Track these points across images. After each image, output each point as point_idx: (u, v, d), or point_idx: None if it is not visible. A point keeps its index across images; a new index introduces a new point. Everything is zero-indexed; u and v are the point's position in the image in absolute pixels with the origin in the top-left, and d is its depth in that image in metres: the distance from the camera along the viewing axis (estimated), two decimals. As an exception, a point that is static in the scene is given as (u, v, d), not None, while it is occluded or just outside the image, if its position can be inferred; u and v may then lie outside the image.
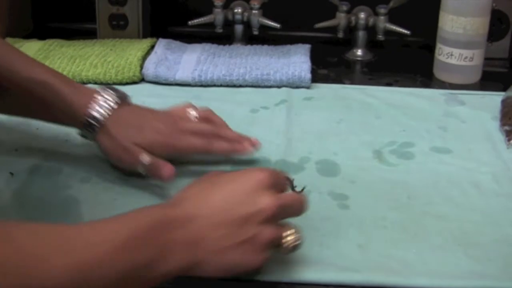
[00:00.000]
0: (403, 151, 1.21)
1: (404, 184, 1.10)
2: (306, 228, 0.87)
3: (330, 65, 1.63)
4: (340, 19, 1.65)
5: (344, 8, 1.64)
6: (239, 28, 1.69)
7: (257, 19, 1.65)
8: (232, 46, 1.64)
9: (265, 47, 1.62)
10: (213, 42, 1.65)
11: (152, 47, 1.60)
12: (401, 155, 1.20)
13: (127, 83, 1.49)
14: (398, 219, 1.00)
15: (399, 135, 1.27)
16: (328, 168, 1.15)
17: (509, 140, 1.23)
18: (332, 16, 1.67)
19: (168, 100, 1.37)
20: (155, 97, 1.43)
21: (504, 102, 1.35)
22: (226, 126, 1.12)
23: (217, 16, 1.67)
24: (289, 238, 0.77)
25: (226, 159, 1.12)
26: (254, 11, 1.65)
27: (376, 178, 1.12)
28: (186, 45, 1.63)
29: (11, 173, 1.08)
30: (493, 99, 1.40)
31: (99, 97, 0.86)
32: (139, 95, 1.34)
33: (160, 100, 1.38)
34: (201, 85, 1.48)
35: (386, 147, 1.22)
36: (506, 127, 1.25)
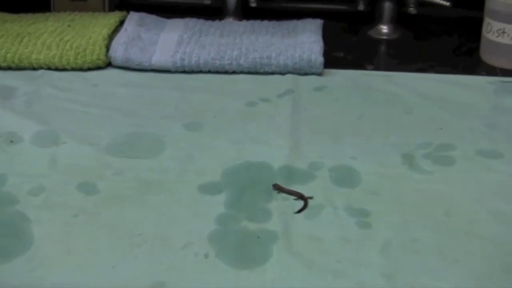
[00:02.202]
0: (440, 155, 1.22)
1: (441, 197, 1.10)
2: (317, 252, 0.88)
3: (347, 46, 1.63)
4: (361, -14, 1.66)
5: (366, -28, 1.66)
6: (232, -2, 1.71)
7: (255, -14, 1.68)
8: (223, 22, 1.64)
9: (265, 23, 1.62)
10: (199, 17, 1.64)
11: (121, 23, 1.60)
12: (438, 160, 1.20)
13: (89, 69, 1.49)
14: (433, 241, 1.00)
15: (435, 135, 1.27)
16: (344, 177, 1.15)
17: None
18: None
19: (142, 91, 1.38)
20: (125, 87, 1.44)
21: None
22: None
23: (204, -18, 1.69)
24: None
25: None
26: (251, -24, 1.68)
27: (405, 189, 1.12)
28: (164, 20, 1.63)
29: None
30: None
31: None
32: (105, 83, 1.35)
33: (131, 90, 1.39)
34: (184, 72, 1.48)
35: (418, 150, 1.23)
36: None
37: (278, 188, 1.11)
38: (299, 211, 1.06)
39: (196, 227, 1.03)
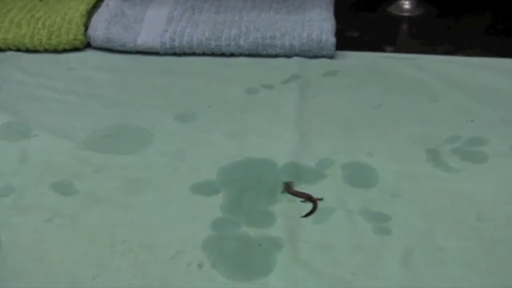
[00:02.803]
0: (470, 151, 1.22)
1: (471, 199, 1.10)
2: (327, 263, 0.88)
3: (363, 24, 1.63)
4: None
5: None
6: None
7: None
8: (219, -4, 1.68)
9: (269, -3, 1.67)
10: (191, -10, 1.68)
11: (102, -4, 1.64)
12: (468, 156, 1.21)
13: (65, 50, 1.50)
14: (462, 249, 1.00)
15: (465, 128, 1.28)
16: (360, 176, 1.16)
17: None
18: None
19: (126, 76, 1.38)
20: (106, 71, 1.44)
21: None
22: None
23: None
24: None
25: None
26: None
27: (430, 189, 1.12)
28: (151, -6, 1.67)
29: None
30: None
31: None
32: (83, 67, 1.35)
33: (113, 75, 1.39)
34: (174, 54, 1.49)
35: (445, 145, 1.23)
36: None
37: (287, 189, 1.12)
38: (307, 214, 1.07)
39: (188, 233, 1.04)
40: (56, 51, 1.49)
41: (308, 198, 1.10)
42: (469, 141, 1.24)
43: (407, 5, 1.70)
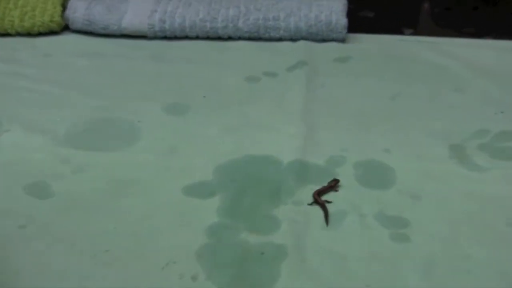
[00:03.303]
0: (500, 147, 1.22)
1: (501, 202, 1.10)
2: (339, 273, 0.88)
3: (379, 4, 1.64)
4: None
5: None
6: None
7: None
8: (215, -28, 1.68)
9: (271, -27, 1.67)
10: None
11: (82, -27, 1.63)
12: (497, 153, 1.21)
13: (40, 34, 1.50)
14: (490, 259, 1.00)
15: (494, 120, 1.28)
16: (375, 175, 1.16)
17: None
18: None
19: (109, 63, 1.37)
20: (87, 57, 1.45)
21: None
22: None
23: None
24: None
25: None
26: None
27: (454, 191, 1.13)
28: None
29: None
30: None
31: None
32: (61, 52, 1.35)
33: (95, 62, 1.38)
34: (165, 37, 1.50)
35: (471, 140, 1.23)
36: None
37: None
38: (326, 218, 1.06)
39: (181, 241, 1.04)
40: (30, 34, 1.49)
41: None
42: (499, 135, 1.25)
43: (428, -18, 1.70)
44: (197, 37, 1.46)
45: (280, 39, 1.46)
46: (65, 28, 1.53)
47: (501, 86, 1.36)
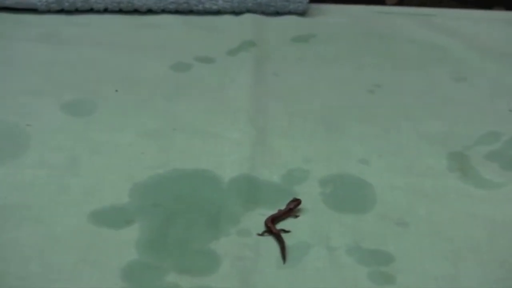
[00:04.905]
0: (513, 156, 1.25)
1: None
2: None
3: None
4: None
5: None
6: None
7: None
8: None
9: None
10: None
11: None
12: (510, 163, 1.25)
13: None
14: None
15: (507, 120, 1.33)
16: (348, 195, 1.20)
17: None
18: None
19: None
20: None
21: None
22: None
23: None
24: None
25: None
26: None
27: (455, 214, 1.16)
28: None
29: None
30: None
31: None
32: None
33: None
34: (62, 11, 1.52)
35: (477, 147, 1.28)
36: None
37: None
38: (283, 255, 1.10)
39: (87, 286, 1.05)
40: None
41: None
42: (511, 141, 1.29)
43: None
44: (105, 10, 1.48)
45: (218, 12, 1.48)
46: None
47: (512, 72, 1.35)
